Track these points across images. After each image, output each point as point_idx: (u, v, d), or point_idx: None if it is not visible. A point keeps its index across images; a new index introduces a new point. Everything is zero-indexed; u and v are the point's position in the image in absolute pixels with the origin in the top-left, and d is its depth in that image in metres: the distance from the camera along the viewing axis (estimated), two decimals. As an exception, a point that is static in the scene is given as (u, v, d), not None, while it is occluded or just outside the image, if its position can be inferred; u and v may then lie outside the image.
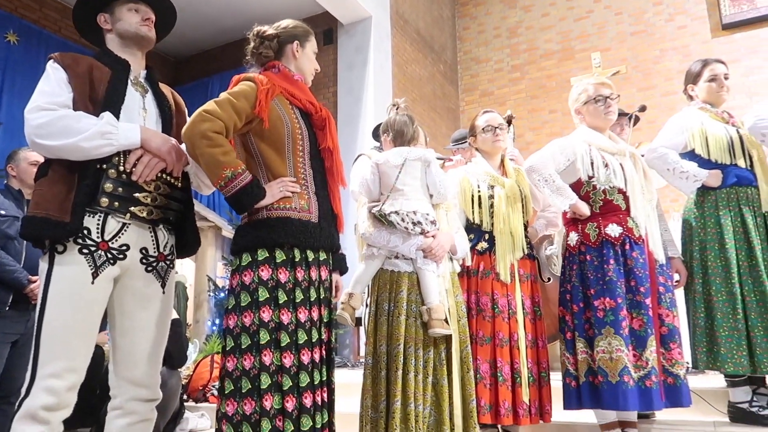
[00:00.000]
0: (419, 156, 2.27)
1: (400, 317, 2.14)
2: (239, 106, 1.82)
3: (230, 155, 1.77)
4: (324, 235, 1.91)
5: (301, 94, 1.98)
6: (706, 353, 2.53)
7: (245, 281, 1.79)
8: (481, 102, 8.33)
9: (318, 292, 1.88)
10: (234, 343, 1.76)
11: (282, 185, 1.84)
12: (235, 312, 1.79)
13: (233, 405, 1.71)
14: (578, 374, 2.37)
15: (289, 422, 1.70)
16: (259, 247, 1.81)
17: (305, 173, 1.91)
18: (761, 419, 2.45)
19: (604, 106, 2.54)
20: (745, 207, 2.59)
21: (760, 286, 2.47)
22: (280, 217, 1.83)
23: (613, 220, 2.43)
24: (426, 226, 2.19)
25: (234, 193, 1.77)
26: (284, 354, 1.73)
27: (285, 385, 1.72)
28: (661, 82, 7.20)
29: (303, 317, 1.80)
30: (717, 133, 2.67)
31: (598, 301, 2.34)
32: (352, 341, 5.59)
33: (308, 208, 1.88)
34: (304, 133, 1.92)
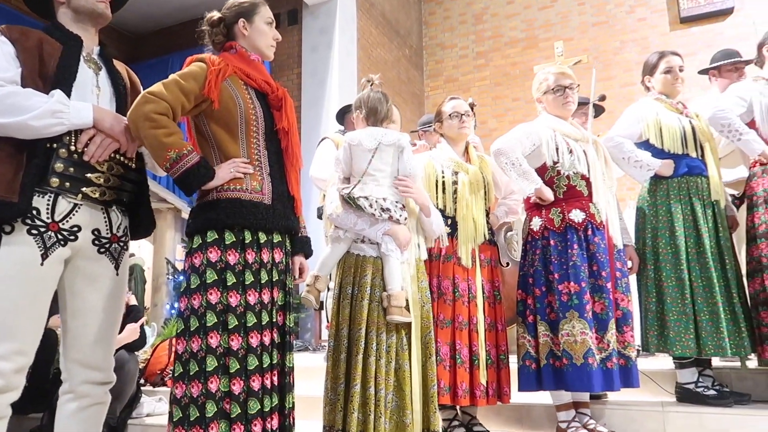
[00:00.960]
0: (393, 141, 2.26)
1: (363, 301, 2.15)
2: (187, 87, 1.79)
3: (174, 137, 1.74)
4: (278, 217, 1.89)
5: (256, 73, 1.95)
6: (657, 336, 2.63)
7: (195, 263, 1.78)
8: (446, 88, 8.36)
9: (270, 274, 1.86)
10: (184, 326, 1.75)
11: (233, 166, 1.82)
12: (186, 295, 1.78)
13: (182, 387, 1.71)
14: (539, 357, 2.42)
15: (236, 405, 1.69)
16: (208, 229, 1.79)
17: (259, 154, 1.89)
18: (705, 399, 2.56)
19: (563, 96, 2.59)
20: (694, 196, 2.69)
21: (707, 272, 2.58)
22: (230, 198, 1.81)
23: (577, 206, 2.48)
24: (395, 214, 2.19)
25: (180, 174, 1.75)
26: (232, 336, 1.72)
27: (232, 368, 1.71)
28: (620, 73, 7.36)
29: (253, 300, 1.79)
30: (671, 124, 2.75)
31: (563, 285, 2.39)
32: (314, 325, 5.58)
33: (261, 189, 1.86)
34: (258, 113, 1.90)
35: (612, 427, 2.53)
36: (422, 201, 2.30)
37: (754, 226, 2.64)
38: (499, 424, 2.73)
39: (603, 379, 2.31)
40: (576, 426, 2.43)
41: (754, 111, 2.66)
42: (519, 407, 2.72)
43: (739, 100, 2.68)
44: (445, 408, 2.56)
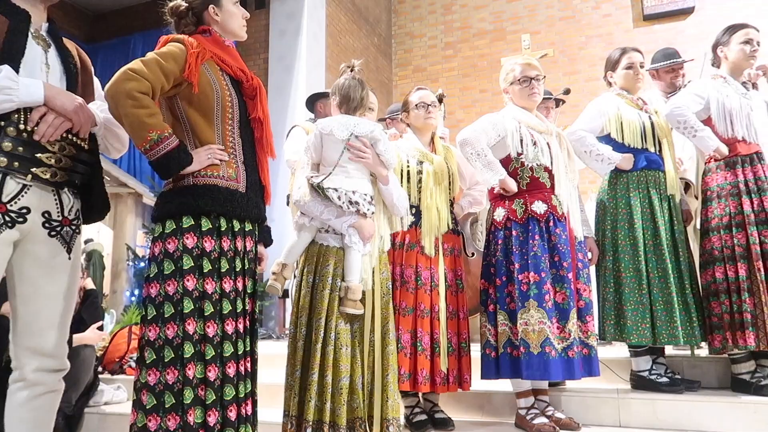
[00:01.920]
0: (366, 133, 2.23)
1: (324, 291, 2.15)
2: (167, 68, 1.75)
3: (156, 117, 1.72)
4: (251, 206, 1.89)
5: (232, 60, 1.93)
6: (614, 326, 2.70)
7: (169, 249, 1.75)
8: (414, 77, 8.36)
9: (243, 262, 1.87)
10: (156, 312, 1.73)
11: (210, 152, 1.80)
12: (158, 280, 1.75)
13: (155, 374, 1.68)
14: (498, 345, 2.47)
15: (211, 391, 1.69)
16: (184, 214, 1.77)
17: (234, 142, 1.88)
18: (659, 386, 2.65)
19: (529, 88, 2.62)
20: (652, 190, 2.76)
21: (662, 263, 2.66)
22: (207, 184, 1.79)
23: (539, 197, 2.52)
24: (362, 207, 2.18)
25: (159, 157, 1.72)
26: (208, 323, 1.72)
27: (208, 355, 1.71)
28: (585, 68, 7.48)
29: (228, 287, 1.78)
30: (631, 119, 2.81)
31: (523, 275, 2.43)
32: (278, 313, 5.55)
33: (236, 177, 1.85)
34: (234, 101, 1.88)
35: (569, 413, 2.60)
36: (377, 169, 2.25)
37: (708, 220, 2.72)
38: (460, 411, 2.77)
39: (564, 368, 2.36)
40: (535, 413, 2.48)
41: (711, 109, 2.73)
42: (480, 394, 2.76)
43: (696, 98, 2.75)
44: (408, 395, 2.58)
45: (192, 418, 1.66)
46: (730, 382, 2.69)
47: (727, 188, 2.66)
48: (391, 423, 2.10)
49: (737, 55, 2.76)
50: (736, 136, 2.68)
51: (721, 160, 2.71)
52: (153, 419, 1.67)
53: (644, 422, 2.54)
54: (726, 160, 2.69)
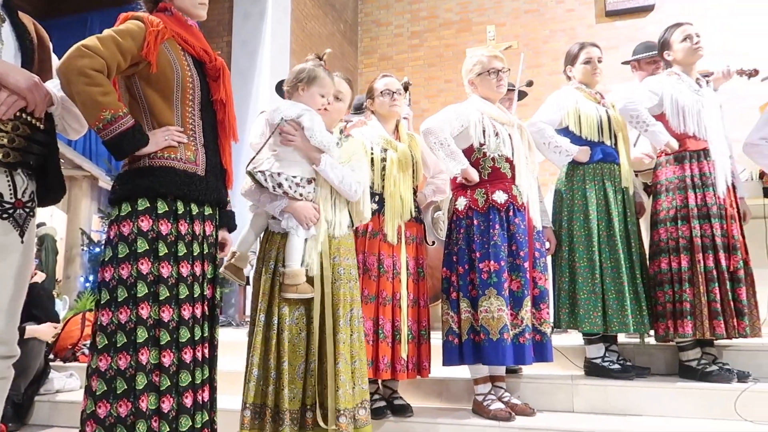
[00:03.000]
0: (293, 116, 2.17)
1: (267, 275, 2.17)
2: (124, 46, 1.70)
3: (110, 96, 1.67)
4: (211, 189, 1.86)
5: (194, 40, 1.88)
6: (568, 314, 2.78)
7: (123, 232, 1.72)
8: (380, 66, 8.33)
9: (202, 247, 1.84)
10: (110, 297, 1.70)
11: (167, 134, 1.77)
12: (112, 264, 1.72)
13: (107, 360, 1.66)
14: (461, 332, 2.50)
15: (165, 377, 1.67)
16: (139, 197, 1.73)
17: (194, 124, 1.84)
18: (611, 372, 2.73)
19: (496, 79, 2.64)
20: (608, 182, 2.84)
21: (615, 254, 2.74)
22: (164, 166, 1.76)
23: (500, 187, 2.55)
24: (289, 189, 2.15)
25: (113, 137, 1.68)
26: (163, 308, 1.70)
27: (162, 340, 1.69)
28: (548, 61, 7.58)
29: (185, 271, 1.76)
30: (589, 113, 2.88)
31: (483, 263, 2.47)
32: (238, 300, 5.50)
33: (195, 159, 1.82)
34: (195, 82, 1.84)
35: (525, 399, 2.66)
36: (309, 153, 2.18)
37: (657, 212, 2.82)
38: (419, 398, 2.80)
39: (515, 353, 2.41)
40: (492, 398, 2.54)
41: (664, 104, 2.82)
42: (439, 381, 2.80)
43: (650, 94, 2.83)
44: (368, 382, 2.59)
45: (144, 404, 1.63)
46: (678, 368, 2.79)
47: (675, 182, 2.76)
48: (342, 413, 2.05)
49: (683, 53, 2.85)
50: (687, 131, 2.78)
51: (671, 155, 2.80)
52: (103, 405, 1.64)
53: (596, 407, 2.62)
54: (676, 155, 2.79)
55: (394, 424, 2.50)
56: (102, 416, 1.63)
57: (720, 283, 2.61)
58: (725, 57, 6.04)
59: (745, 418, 2.41)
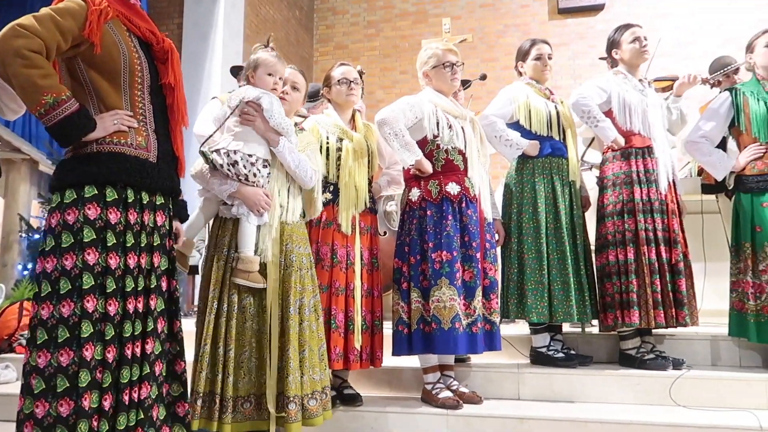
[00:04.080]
0: (253, 98, 2.20)
1: (219, 263, 2.15)
2: (64, 26, 1.61)
3: (51, 79, 1.59)
4: (162, 177, 1.79)
5: (140, 21, 1.81)
6: (516, 304, 2.85)
7: (68, 220, 1.63)
8: (335, 54, 8.26)
9: (152, 237, 1.77)
10: (51, 289, 1.60)
11: (116, 117, 1.69)
12: (55, 254, 1.62)
13: (46, 356, 1.57)
14: (411, 322, 2.53)
15: (108, 373, 1.60)
16: (86, 184, 1.65)
17: (143, 109, 1.77)
18: (555, 361, 2.83)
19: (451, 73, 2.67)
20: (556, 176, 2.92)
21: (561, 246, 2.83)
22: (114, 152, 1.68)
23: (453, 179, 2.59)
24: (243, 169, 2.13)
25: (57, 122, 1.59)
26: (109, 301, 1.62)
27: (107, 335, 1.61)
28: (502, 56, 7.69)
29: (132, 263, 1.69)
30: (539, 108, 2.94)
31: (436, 253, 2.50)
32: (186, 289, 5.38)
33: (146, 146, 1.75)
34: (143, 65, 1.77)
35: (473, 387, 2.72)
36: (267, 134, 2.20)
37: (604, 206, 2.92)
38: (370, 387, 2.82)
39: (468, 342, 2.46)
40: (441, 387, 2.58)
41: (612, 102, 2.91)
42: (389, 371, 2.83)
43: (599, 91, 2.93)
44: (318, 372, 2.59)
45: (87, 402, 1.55)
46: (618, 357, 2.91)
47: (622, 177, 2.86)
48: (291, 400, 2.06)
49: (630, 54, 2.95)
50: (633, 129, 2.88)
51: (617, 151, 2.90)
52: (41, 405, 1.55)
53: (541, 395, 2.71)
54: (622, 151, 2.89)
55: (344, 413, 2.51)
56: (40, 416, 1.54)
57: (661, 275, 2.73)
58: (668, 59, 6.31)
59: (679, 403, 2.54)
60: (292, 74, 2.43)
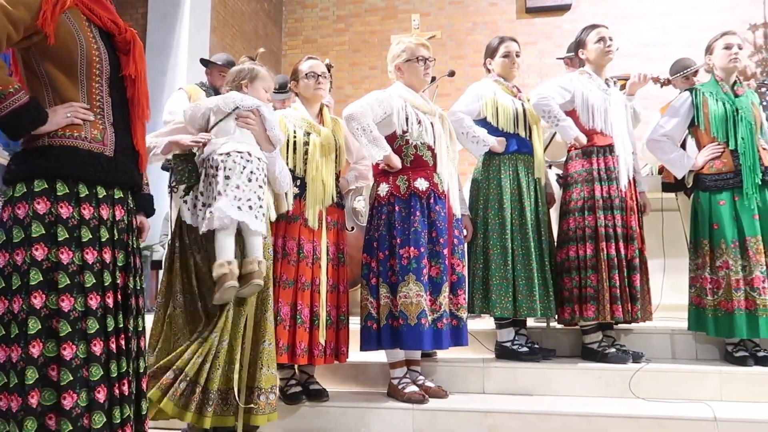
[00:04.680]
0: (251, 107, 2.28)
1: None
2: (16, 15, 1.55)
3: (0, 71, 1.54)
4: (120, 171, 1.74)
5: (101, 10, 1.75)
6: (482, 299, 2.88)
7: (18, 215, 1.58)
8: (304, 48, 8.19)
9: (111, 232, 1.72)
10: (5, 284, 1.56)
11: (70, 110, 1.64)
12: (7, 249, 1.58)
13: (4, 352, 1.54)
14: (379, 317, 2.53)
15: (66, 371, 1.55)
16: (36, 178, 1.60)
17: (102, 101, 1.71)
18: (519, 355, 2.87)
19: (423, 67, 2.67)
20: (522, 172, 2.96)
21: (526, 242, 2.87)
22: (66, 146, 1.63)
23: (422, 175, 2.59)
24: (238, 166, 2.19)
25: (5, 115, 1.54)
26: (62, 297, 1.57)
27: (62, 332, 1.56)
28: (470, 53, 7.74)
29: (91, 258, 1.64)
30: (506, 105, 2.98)
31: (404, 249, 2.50)
32: (150, 285, 5.28)
33: (102, 139, 1.70)
34: (103, 55, 1.71)
35: (439, 382, 2.74)
36: (261, 139, 2.30)
37: (567, 203, 2.98)
38: (336, 382, 2.82)
39: (433, 338, 2.48)
40: (407, 382, 2.59)
41: (575, 101, 2.96)
42: (355, 366, 2.82)
43: (562, 90, 2.97)
44: (284, 367, 2.58)
45: (35, 400, 1.51)
46: (581, 351, 2.97)
47: (584, 175, 2.92)
48: (262, 392, 2.10)
49: (595, 54, 3.01)
50: (595, 128, 2.94)
51: (580, 149, 2.95)
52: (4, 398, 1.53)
53: (506, 388, 2.75)
54: (584, 150, 2.94)
55: (310, 408, 2.50)
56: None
57: (619, 271, 2.79)
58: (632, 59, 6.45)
59: (638, 395, 2.60)
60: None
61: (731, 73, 2.97)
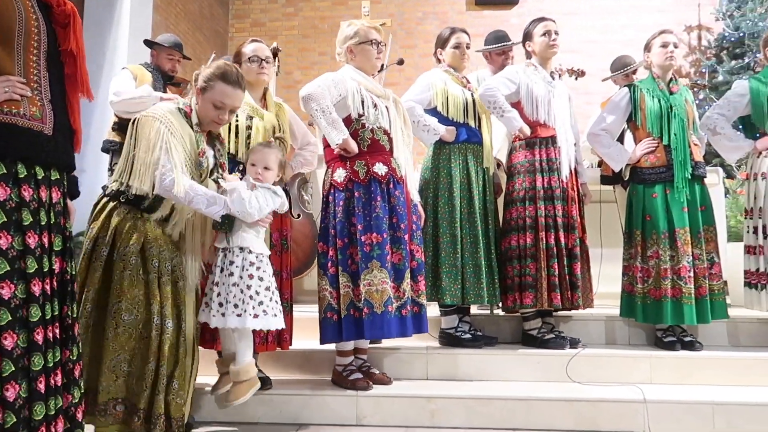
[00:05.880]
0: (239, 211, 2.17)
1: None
2: None
3: None
4: (59, 152, 1.66)
5: None
6: (431, 286, 2.90)
7: None
8: (252, 32, 8.00)
9: (48, 215, 1.64)
10: None
11: (8, 84, 1.53)
12: None
13: None
14: (340, 308, 2.47)
15: (8, 362, 1.47)
16: None
17: (39, 76, 1.62)
18: (462, 342, 2.92)
19: (376, 51, 2.65)
20: (471, 161, 3.00)
21: (474, 230, 2.92)
22: (4, 123, 1.53)
23: (380, 159, 2.57)
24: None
25: None
26: (2, 284, 1.49)
27: (2, 320, 1.48)
28: (420, 43, 7.77)
29: (33, 243, 1.56)
30: (456, 95, 3.00)
31: (366, 236, 2.47)
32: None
33: (41, 117, 1.61)
34: (41, 27, 1.62)
35: (384, 369, 2.75)
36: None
37: (510, 193, 3.04)
38: (279, 370, 2.79)
39: (399, 326, 2.47)
40: (352, 369, 2.59)
41: (520, 93, 3.02)
42: (300, 353, 2.80)
43: (507, 82, 3.03)
44: (225, 355, 2.53)
45: None
46: (521, 337, 3.05)
47: (526, 165, 2.99)
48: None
49: (540, 47, 3.07)
50: (539, 119, 3.00)
51: (524, 140, 3.02)
52: None
53: (448, 374, 2.79)
54: (528, 141, 3.01)
55: (253, 396, 2.46)
56: None
57: (559, 259, 2.88)
58: (574, 55, 6.62)
59: (574, 379, 2.70)
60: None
61: (667, 71, 3.09)
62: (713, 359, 2.76)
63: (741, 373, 2.72)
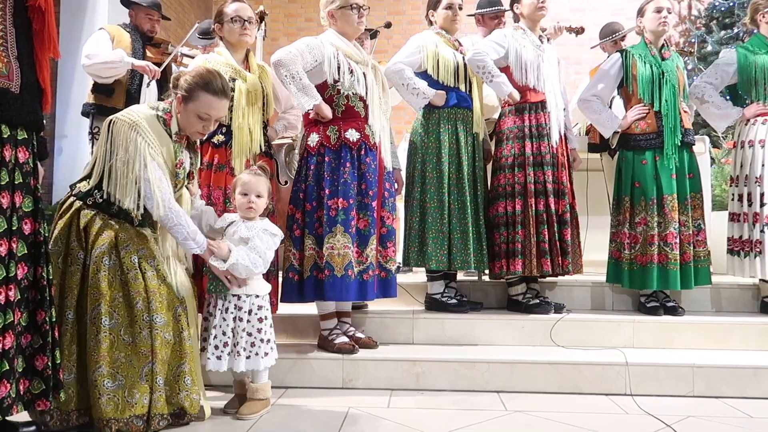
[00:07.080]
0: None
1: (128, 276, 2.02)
2: None
3: None
4: (26, 110, 1.61)
5: None
6: (417, 252, 2.91)
7: None
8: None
9: (12, 175, 1.59)
10: None
11: None
12: None
13: None
14: (303, 269, 2.50)
15: None
16: None
17: (5, 32, 1.57)
18: (448, 307, 2.93)
19: (357, 15, 2.59)
20: (460, 126, 2.96)
21: (462, 196, 2.90)
22: None
23: (353, 126, 2.54)
24: None
25: None
26: None
27: None
28: (409, 9, 7.63)
29: (5, 202, 1.54)
30: (447, 58, 2.95)
31: (332, 201, 2.46)
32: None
33: (7, 74, 1.57)
34: None
35: (369, 333, 2.76)
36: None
37: (498, 159, 3.02)
38: (265, 335, 2.78)
39: (358, 289, 2.48)
40: (337, 333, 2.60)
41: (509, 58, 2.97)
42: (285, 318, 2.80)
43: (496, 46, 2.97)
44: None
45: None
46: (506, 302, 3.07)
47: (515, 131, 2.96)
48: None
49: (529, 9, 3.02)
50: (528, 84, 2.96)
51: (513, 106, 2.98)
52: None
53: (434, 338, 2.81)
54: (517, 106, 2.97)
55: (239, 360, 2.46)
56: None
57: (548, 226, 2.87)
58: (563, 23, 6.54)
59: (558, 343, 2.73)
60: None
61: (660, 37, 3.06)
62: (694, 324, 2.80)
63: (721, 338, 2.76)
